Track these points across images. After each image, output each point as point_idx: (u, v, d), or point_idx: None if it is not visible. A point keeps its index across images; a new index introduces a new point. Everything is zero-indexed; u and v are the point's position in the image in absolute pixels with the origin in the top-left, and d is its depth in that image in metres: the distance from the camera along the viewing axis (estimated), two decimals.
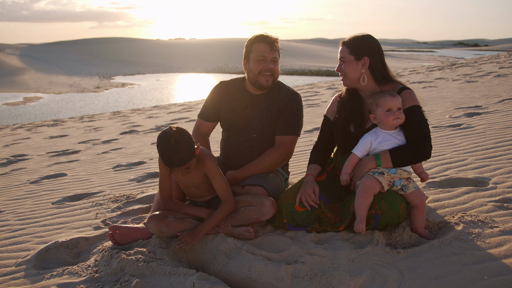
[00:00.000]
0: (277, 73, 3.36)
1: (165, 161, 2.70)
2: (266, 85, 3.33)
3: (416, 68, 22.31)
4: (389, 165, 2.75)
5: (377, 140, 2.80)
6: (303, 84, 23.97)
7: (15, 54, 72.27)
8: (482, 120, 5.77)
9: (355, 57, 2.90)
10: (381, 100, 2.75)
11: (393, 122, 2.75)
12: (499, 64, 15.95)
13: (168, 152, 2.66)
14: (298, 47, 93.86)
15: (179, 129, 2.72)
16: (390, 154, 2.75)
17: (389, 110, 2.74)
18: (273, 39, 3.30)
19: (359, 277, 2.26)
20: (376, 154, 2.78)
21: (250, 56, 3.32)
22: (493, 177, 3.47)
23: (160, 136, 2.71)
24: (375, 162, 2.76)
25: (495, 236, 2.54)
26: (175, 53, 79.69)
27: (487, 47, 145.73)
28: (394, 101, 2.74)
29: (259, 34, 3.35)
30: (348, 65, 2.92)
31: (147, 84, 41.14)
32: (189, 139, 2.72)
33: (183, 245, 2.75)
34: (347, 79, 2.96)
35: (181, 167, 2.70)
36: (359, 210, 2.69)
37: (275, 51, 3.30)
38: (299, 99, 3.42)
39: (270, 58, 3.28)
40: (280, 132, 3.35)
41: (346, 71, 2.93)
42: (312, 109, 10.22)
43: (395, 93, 2.79)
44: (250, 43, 3.34)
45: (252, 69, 3.32)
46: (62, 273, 2.67)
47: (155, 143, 2.75)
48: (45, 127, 13.85)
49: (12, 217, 3.94)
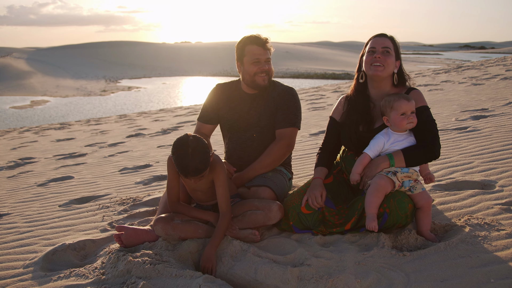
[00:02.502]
0: (272, 71, 3.41)
1: (180, 169, 2.68)
2: (263, 84, 3.37)
3: (422, 71, 22.25)
4: (402, 164, 2.77)
5: (390, 141, 2.83)
6: (308, 87, 23.97)
7: (23, 58, 72.84)
8: (489, 123, 5.75)
9: (395, 56, 2.95)
10: (396, 104, 2.78)
11: (406, 126, 2.80)
12: (506, 67, 15.87)
13: (185, 161, 2.64)
14: (303, 50, 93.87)
15: (196, 138, 2.70)
16: (403, 154, 2.77)
17: (404, 114, 2.77)
18: (264, 39, 3.32)
19: (365, 279, 2.26)
20: (389, 154, 2.80)
21: (244, 60, 3.35)
22: (500, 180, 3.46)
23: (177, 144, 2.68)
24: (388, 162, 2.78)
25: (501, 239, 2.54)
26: (181, 56, 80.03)
27: (494, 50, 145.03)
28: (409, 105, 2.78)
29: (249, 35, 3.37)
30: (391, 58, 2.92)
31: (153, 88, 41.31)
32: (205, 148, 2.70)
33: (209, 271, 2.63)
34: (385, 71, 2.91)
35: (196, 176, 2.70)
36: (370, 209, 2.68)
37: (267, 50, 3.33)
38: (295, 93, 3.49)
39: (264, 59, 3.32)
40: (279, 126, 3.38)
41: (389, 63, 2.90)
42: (318, 112, 10.22)
43: (410, 97, 2.82)
44: (242, 45, 3.36)
45: (247, 72, 3.36)
46: (69, 275, 2.69)
47: (162, 146, 2.75)
48: (52, 130, 13.94)
49: (20, 219, 3.97)
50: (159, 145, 7.85)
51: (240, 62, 3.39)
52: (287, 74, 48.42)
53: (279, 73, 50.60)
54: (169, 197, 2.99)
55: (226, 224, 2.84)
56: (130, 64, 69.53)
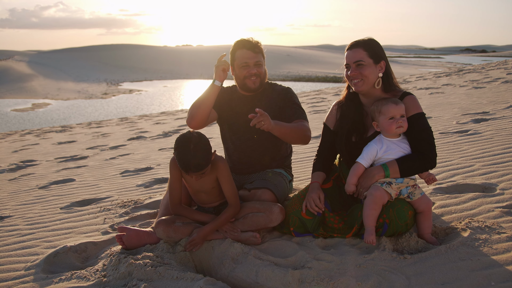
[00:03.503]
0: (263, 73, 3.40)
1: (182, 165, 2.72)
2: (253, 87, 3.38)
3: (423, 74, 22.25)
4: (397, 175, 2.73)
5: (382, 149, 2.77)
6: (309, 90, 23.99)
7: (24, 61, 73.04)
8: (490, 126, 5.75)
9: (374, 61, 2.84)
10: (384, 108, 2.73)
11: (396, 131, 2.74)
12: (507, 70, 15.87)
13: (187, 156, 2.68)
14: (305, 54, 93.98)
15: (199, 134, 2.75)
16: (398, 164, 2.73)
17: (392, 118, 2.71)
18: (254, 43, 3.32)
19: (366, 282, 2.26)
20: (384, 164, 2.75)
21: (235, 64, 3.38)
22: (501, 183, 3.46)
23: (179, 140, 2.73)
24: (383, 174, 2.73)
25: (502, 242, 2.54)
26: (182, 59, 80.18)
27: (495, 53, 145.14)
28: (397, 108, 2.72)
29: (240, 40, 3.38)
30: (368, 68, 2.82)
31: (154, 91, 41.37)
32: (207, 145, 2.75)
33: (192, 247, 2.78)
34: (366, 84, 2.84)
35: (197, 173, 2.72)
36: (368, 222, 2.67)
37: (257, 53, 3.32)
38: (293, 91, 3.54)
39: (253, 63, 3.32)
40: (294, 118, 3.30)
41: (367, 74, 2.82)
42: (319, 115, 10.23)
43: (398, 101, 2.76)
44: (233, 51, 3.39)
45: (238, 76, 3.40)
46: (70, 277, 2.69)
47: (163, 149, 2.77)
48: (53, 133, 13.97)
49: (21, 221, 3.98)
50: (160, 148, 7.86)
51: (232, 66, 3.42)
52: (288, 77, 48.49)
53: (280, 76, 50.64)
54: (171, 199, 3.01)
55: (231, 214, 2.90)
56: (132, 67, 69.68)
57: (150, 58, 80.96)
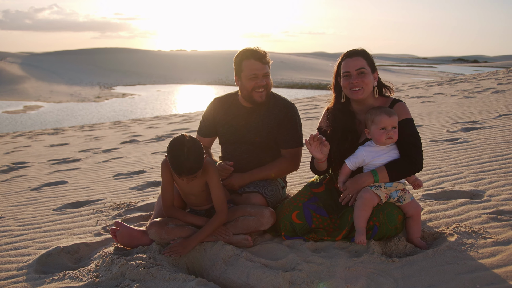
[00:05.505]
0: (270, 86, 3.37)
1: (175, 168, 2.75)
2: (260, 101, 3.34)
3: (415, 83, 22.47)
4: (386, 180, 2.81)
5: (371, 154, 2.86)
6: (303, 97, 24.12)
7: (17, 63, 72.58)
8: (479, 135, 5.84)
9: (371, 70, 2.93)
10: (377, 118, 2.81)
11: (385, 141, 2.82)
12: (498, 80, 16.09)
13: (180, 159, 2.71)
14: (298, 61, 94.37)
15: (192, 138, 2.78)
16: (387, 169, 2.80)
17: (384, 129, 2.80)
18: (262, 53, 3.26)
19: (355, 284, 2.31)
20: (373, 170, 2.83)
21: (242, 75, 3.31)
22: (488, 190, 3.53)
23: (173, 143, 2.76)
24: (372, 180, 2.82)
25: (488, 246, 2.60)
26: (176, 64, 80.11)
27: (487, 64, 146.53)
28: (390, 120, 2.79)
29: (247, 49, 3.31)
30: (369, 76, 2.89)
31: (147, 95, 41.29)
32: (200, 149, 2.78)
33: (172, 253, 2.80)
34: (365, 92, 2.91)
35: (189, 176, 2.76)
36: (358, 223, 2.74)
37: (265, 64, 3.28)
38: (296, 110, 3.50)
39: (261, 74, 3.27)
40: (287, 145, 3.40)
41: (367, 83, 2.89)
42: (312, 121, 10.30)
43: (392, 112, 2.83)
44: (239, 60, 3.30)
45: (245, 87, 3.33)
46: (63, 278, 2.71)
47: (156, 153, 2.81)
48: (46, 136, 13.91)
49: (13, 223, 3.98)
50: (153, 152, 7.88)
51: (238, 76, 3.35)
52: (281, 84, 48.62)
53: (274, 83, 50.30)
54: (163, 202, 3.04)
55: (218, 222, 2.91)
56: (125, 71, 69.48)
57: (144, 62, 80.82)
